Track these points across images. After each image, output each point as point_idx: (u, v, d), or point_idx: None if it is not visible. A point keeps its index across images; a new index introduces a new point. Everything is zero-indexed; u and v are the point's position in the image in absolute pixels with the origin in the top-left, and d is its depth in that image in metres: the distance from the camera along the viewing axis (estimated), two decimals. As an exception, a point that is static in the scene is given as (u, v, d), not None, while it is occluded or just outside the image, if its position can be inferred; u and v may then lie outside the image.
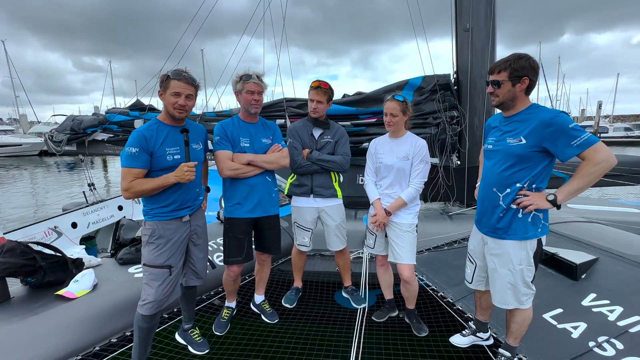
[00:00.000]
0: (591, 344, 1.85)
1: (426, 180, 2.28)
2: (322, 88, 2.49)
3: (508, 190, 1.68)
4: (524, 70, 1.58)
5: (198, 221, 2.06)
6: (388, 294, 2.54)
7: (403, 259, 2.23)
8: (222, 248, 2.42)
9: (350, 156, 2.62)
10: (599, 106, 35.70)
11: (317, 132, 2.59)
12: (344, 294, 2.81)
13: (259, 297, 2.66)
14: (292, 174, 2.65)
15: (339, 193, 2.65)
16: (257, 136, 2.29)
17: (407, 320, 2.42)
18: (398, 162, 2.26)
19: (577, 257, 2.48)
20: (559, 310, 2.14)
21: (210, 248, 2.95)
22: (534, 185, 1.64)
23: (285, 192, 2.70)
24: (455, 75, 3.93)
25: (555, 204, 1.59)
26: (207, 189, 2.27)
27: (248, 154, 2.22)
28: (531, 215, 1.66)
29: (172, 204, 1.89)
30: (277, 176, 2.53)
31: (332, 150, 2.58)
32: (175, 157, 1.85)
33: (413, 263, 2.26)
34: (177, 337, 2.27)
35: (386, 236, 2.39)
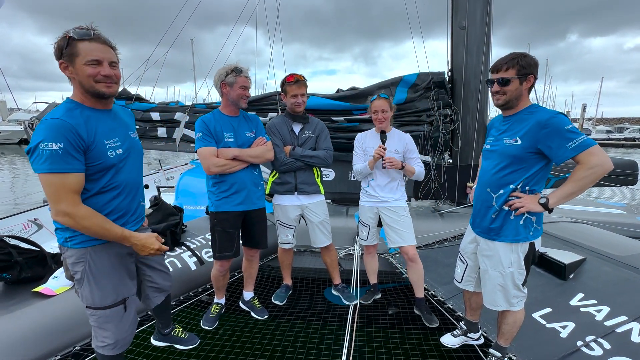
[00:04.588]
0: (579, 343, 1.87)
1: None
2: (302, 81, 2.43)
3: (501, 191, 1.65)
4: (530, 68, 1.55)
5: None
6: (373, 279, 2.75)
7: (406, 241, 2.40)
8: (210, 244, 2.35)
9: (332, 150, 2.58)
10: (584, 109, 36.63)
11: (297, 128, 2.53)
12: (334, 292, 2.79)
13: (248, 294, 2.61)
14: (274, 172, 2.60)
15: (322, 189, 2.62)
16: (241, 130, 2.22)
17: (416, 311, 2.47)
18: (392, 156, 2.34)
19: (565, 257, 2.51)
20: (548, 310, 2.16)
21: (198, 243, 2.87)
22: (527, 187, 1.61)
23: (267, 191, 2.64)
24: (449, 73, 3.92)
25: (546, 207, 1.56)
26: (146, 186, 2.01)
27: (233, 149, 2.16)
28: (523, 217, 1.63)
29: (112, 217, 1.39)
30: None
31: (313, 145, 2.53)
32: (117, 151, 1.39)
33: (415, 243, 2.42)
34: (157, 342, 2.10)
35: (379, 225, 2.53)
